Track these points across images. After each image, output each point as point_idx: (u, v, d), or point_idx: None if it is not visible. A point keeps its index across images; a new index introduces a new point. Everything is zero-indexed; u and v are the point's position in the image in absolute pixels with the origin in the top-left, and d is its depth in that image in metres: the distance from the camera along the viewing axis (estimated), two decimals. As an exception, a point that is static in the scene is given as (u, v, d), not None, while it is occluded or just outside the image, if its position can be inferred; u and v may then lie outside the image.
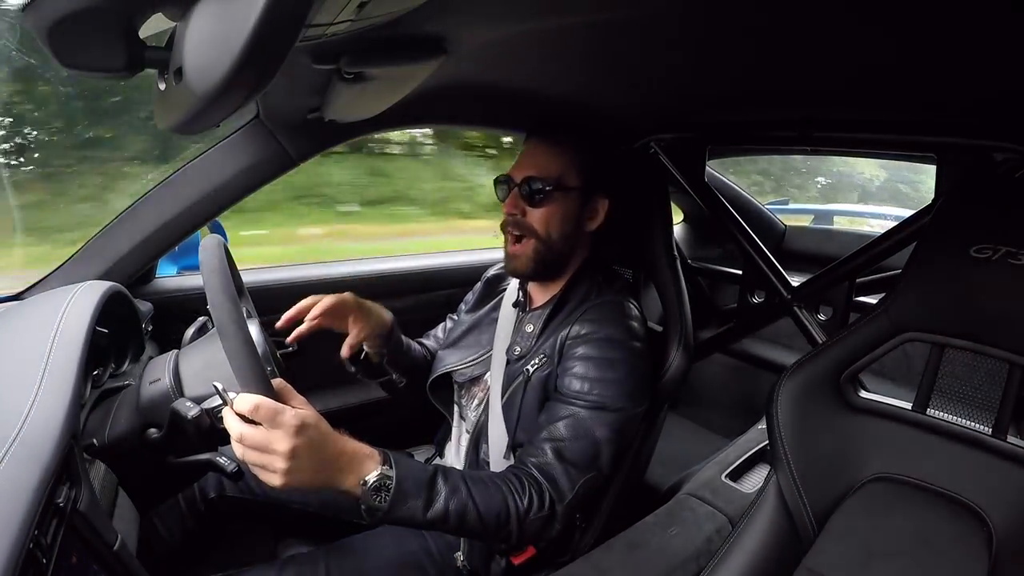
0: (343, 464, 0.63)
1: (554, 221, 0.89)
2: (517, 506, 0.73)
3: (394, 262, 1.56)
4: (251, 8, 0.30)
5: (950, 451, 0.69)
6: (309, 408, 0.62)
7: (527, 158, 0.90)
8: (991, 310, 0.64)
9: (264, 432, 0.56)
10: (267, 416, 0.56)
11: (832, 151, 1.21)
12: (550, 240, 0.89)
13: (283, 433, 0.56)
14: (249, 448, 0.57)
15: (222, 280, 0.60)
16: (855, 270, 1.14)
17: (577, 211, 0.91)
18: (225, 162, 1.00)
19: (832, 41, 0.62)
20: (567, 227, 0.90)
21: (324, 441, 0.61)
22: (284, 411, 0.57)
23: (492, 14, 0.60)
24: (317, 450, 0.60)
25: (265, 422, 0.56)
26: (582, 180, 0.89)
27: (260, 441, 0.56)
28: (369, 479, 0.63)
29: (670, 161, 1.36)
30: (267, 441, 0.56)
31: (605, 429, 0.81)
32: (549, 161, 0.89)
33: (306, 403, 0.63)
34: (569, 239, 0.91)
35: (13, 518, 0.44)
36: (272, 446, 0.56)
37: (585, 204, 0.91)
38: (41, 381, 0.59)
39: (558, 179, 0.88)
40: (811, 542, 0.73)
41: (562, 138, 0.90)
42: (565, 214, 0.89)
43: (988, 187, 0.69)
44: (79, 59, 0.37)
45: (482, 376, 0.98)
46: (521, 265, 0.90)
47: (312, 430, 0.59)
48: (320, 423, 0.62)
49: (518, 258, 0.90)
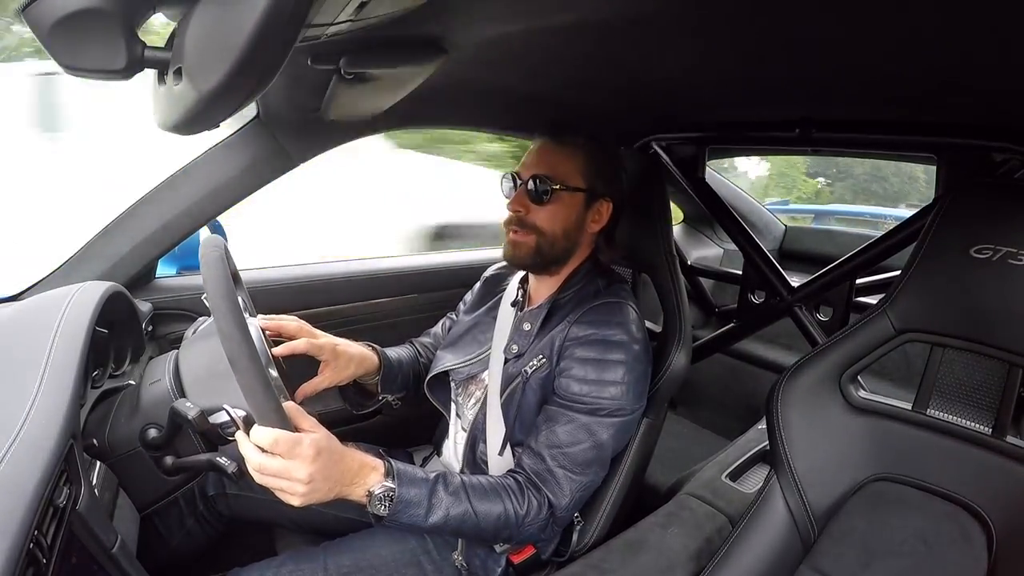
0: (352, 478, 0.68)
1: (558, 220, 0.89)
2: (516, 511, 0.77)
3: (394, 262, 1.55)
4: (251, 8, 0.30)
5: (950, 451, 0.69)
6: (319, 428, 0.66)
7: (535, 157, 0.91)
8: (991, 310, 0.64)
9: (282, 462, 0.61)
10: (285, 449, 0.60)
11: (832, 151, 1.21)
12: (553, 237, 0.90)
13: (300, 463, 0.61)
14: (268, 476, 0.61)
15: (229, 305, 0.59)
16: (855, 270, 1.14)
17: (581, 212, 0.91)
18: (225, 162, 1.00)
19: (832, 41, 0.62)
20: (570, 227, 0.90)
21: (337, 461, 0.65)
22: (301, 441, 0.61)
23: (492, 14, 0.60)
24: (331, 470, 0.64)
25: (283, 454, 0.60)
26: (588, 182, 0.90)
27: (279, 470, 0.61)
28: (375, 491, 0.69)
29: (670, 161, 1.36)
30: (286, 470, 0.61)
31: (604, 432, 0.82)
32: (557, 161, 0.89)
33: (316, 423, 0.66)
34: (571, 238, 0.91)
35: (13, 518, 0.44)
36: (291, 474, 0.61)
37: (590, 206, 0.91)
38: (41, 381, 0.59)
39: (564, 179, 0.88)
40: (811, 542, 0.73)
41: (570, 139, 0.90)
42: (568, 214, 0.90)
43: (988, 187, 0.69)
44: (79, 60, 0.37)
45: (479, 375, 0.98)
46: (521, 253, 0.90)
47: (326, 453, 0.64)
48: (332, 444, 0.66)
49: (519, 246, 0.90)
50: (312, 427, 0.65)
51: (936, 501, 0.68)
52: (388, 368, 0.99)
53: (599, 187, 0.91)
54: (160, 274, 1.17)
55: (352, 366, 0.93)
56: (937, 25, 0.53)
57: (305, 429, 0.64)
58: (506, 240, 0.92)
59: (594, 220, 0.93)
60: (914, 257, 0.72)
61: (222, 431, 0.70)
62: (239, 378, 0.57)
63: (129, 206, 1.01)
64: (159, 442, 0.73)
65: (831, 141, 1.08)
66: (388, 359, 1.00)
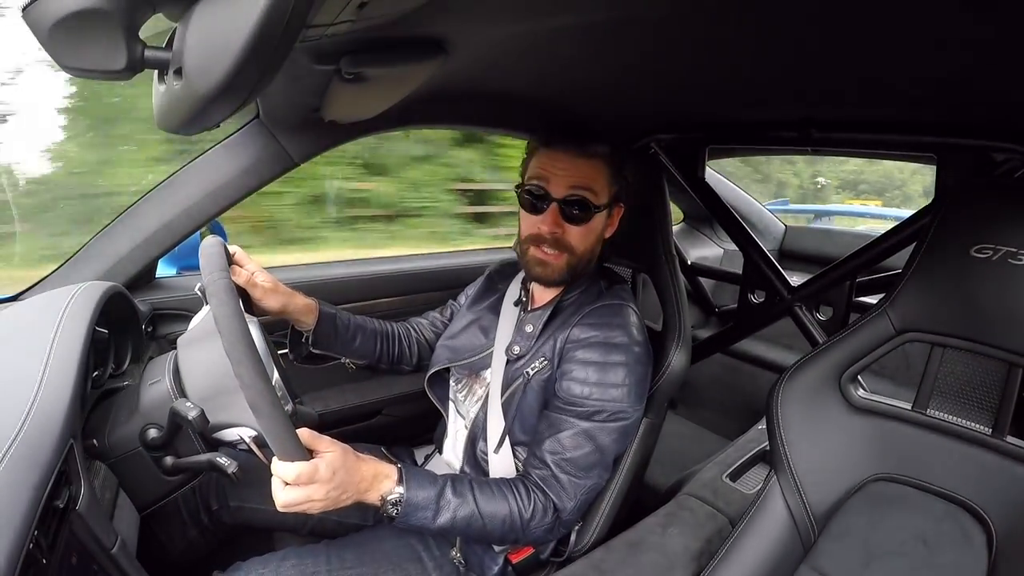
0: (366, 486, 0.71)
1: (590, 238, 0.89)
2: (521, 513, 0.78)
3: (394, 262, 1.56)
4: (251, 8, 0.30)
5: (950, 451, 0.69)
6: (335, 446, 0.68)
7: (565, 170, 0.86)
8: (991, 310, 0.64)
9: (304, 491, 0.64)
10: (306, 480, 0.64)
11: (832, 151, 1.21)
12: (584, 254, 0.89)
13: (319, 486, 0.65)
14: (292, 506, 0.65)
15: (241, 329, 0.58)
16: (855, 270, 1.14)
17: (604, 224, 0.91)
18: (225, 162, 1.00)
19: (832, 41, 0.61)
20: (595, 240, 0.91)
21: (352, 472, 0.69)
22: (318, 468, 0.64)
23: (492, 14, 0.60)
24: (347, 483, 0.68)
25: (304, 484, 0.64)
26: (611, 193, 0.89)
27: (302, 499, 0.65)
28: (388, 497, 0.72)
29: (670, 161, 1.36)
30: (307, 497, 0.65)
31: (606, 435, 0.82)
32: (589, 176, 0.86)
33: (332, 442, 0.69)
34: (594, 250, 0.92)
35: (13, 518, 0.44)
36: (312, 497, 0.65)
37: (610, 215, 0.92)
38: (41, 381, 0.59)
39: (598, 196, 0.86)
40: (812, 542, 0.73)
41: (598, 149, 0.87)
42: (599, 229, 0.90)
43: (988, 187, 0.69)
44: (79, 60, 0.37)
45: (481, 372, 0.98)
46: (552, 274, 0.89)
47: (342, 471, 0.67)
48: (347, 459, 0.69)
49: (550, 266, 0.88)
50: (328, 447, 0.68)
51: (936, 501, 0.68)
52: (326, 324, 0.97)
53: (620, 196, 0.92)
54: (160, 274, 1.17)
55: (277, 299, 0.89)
56: (937, 25, 0.53)
57: (320, 451, 0.67)
58: (530, 256, 0.89)
59: (610, 226, 0.93)
60: (914, 257, 0.72)
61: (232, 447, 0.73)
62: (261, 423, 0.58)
63: (129, 206, 1.01)
64: (159, 442, 0.73)
65: (831, 141, 1.07)
66: (331, 317, 0.98)
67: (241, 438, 0.70)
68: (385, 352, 1.07)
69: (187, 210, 1.00)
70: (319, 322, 0.96)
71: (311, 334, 0.96)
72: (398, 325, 1.13)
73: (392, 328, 1.11)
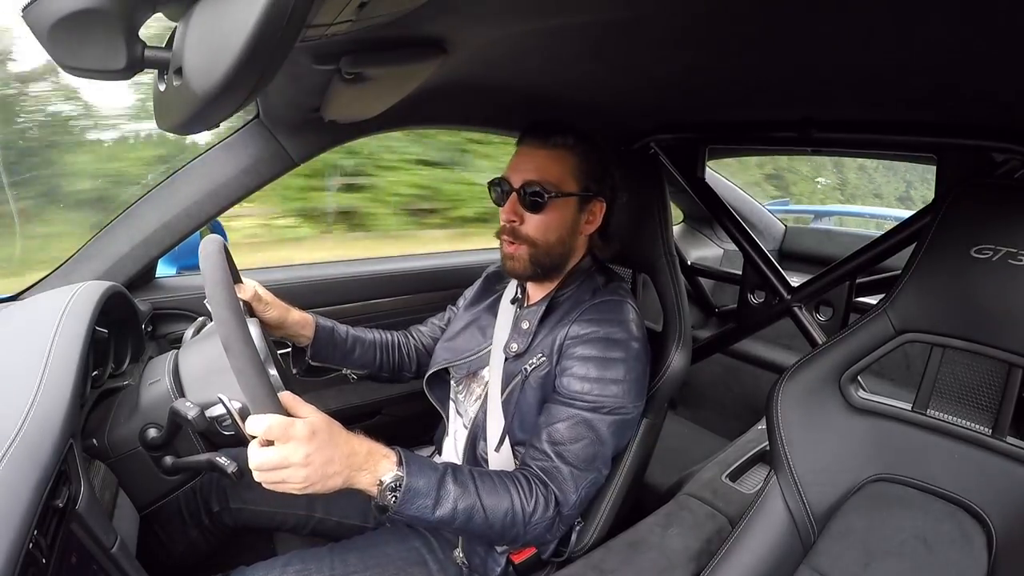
0: (358, 463, 0.65)
1: (552, 228, 0.88)
2: (524, 508, 0.75)
3: (394, 262, 1.56)
4: (251, 8, 0.30)
5: (950, 451, 0.69)
6: (318, 414, 0.64)
7: (524, 162, 0.88)
8: (991, 310, 0.64)
9: (278, 449, 0.59)
10: (279, 434, 0.58)
11: (832, 151, 1.21)
12: (548, 245, 0.89)
13: (295, 444, 0.59)
14: (268, 471, 0.59)
15: (227, 294, 0.59)
16: (855, 270, 1.14)
17: (575, 216, 0.90)
18: (225, 162, 1.00)
19: (832, 41, 0.62)
20: (564, 233, 0.89)
21: (336, 442, 0.63)
22: (294, 424, 0.59)
23: (492, 14, 0.60)
24: (332, 452, 0.62)
25: (278, 440, 0.59)
26: (581, 185, 0.89)
27: (277, 460, 0.59)
28: (385, 479, 0.66)
29: (670, 161, 1.36)
30: (283, 458, 0.59)
31: (606, 429, 0.82)
32: (548, 165, 0.87)
33: (314, 410, 0.64)
34: (566, 244, 0.91)
35: (12, 518, 0.44)
36: (288, 460, 0.59)
37: (583, 208, 0.91)
38: (41, 381, 0.59)
39: (558, 185, 0.86)
40: (811, 542, 0.73)
41: (559, 140, 0.88)
42: (563, 220, 0.89)
43: (988, 187, 0.69)
44: (79, 60, 0.37)
45: (480, 372, 0.98)
46: (518, 266, 0.90)
47: (323, 433, 0.62)
48: (331, 425, 0.64)
49: (514, 259, 0.89)
50: (310, 413, 0.63)
51: (936, 501, 0.68)
52: (324, 336, 0.99)
53: (592, 188, 0.90)
54: (160, 274, 1.17)
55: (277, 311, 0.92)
56: (937, 25, 0.53)
57: (302, 416, 0.62)
58: (502, 251, 0.91)
59: (588, 222, 0.92)
60: (914, 257, 0.72)
61: (219, 425, 0.70)
62: (232, 361, 0.56)
63: (129, 206, 1.01)
64: (159, 442, 0.73)
65: (831, 141, 1.08)
66: (328, 330, 1.00)
67: (224, 407, 0.65)
68: (386, 361, 1.08)
69: (187, 210, 1.00)
70: (316, 334, 0.98)
71: (310, 347, 0.98)
72: (398, 334, 1.13)
73: (392, 337, 1.11)
